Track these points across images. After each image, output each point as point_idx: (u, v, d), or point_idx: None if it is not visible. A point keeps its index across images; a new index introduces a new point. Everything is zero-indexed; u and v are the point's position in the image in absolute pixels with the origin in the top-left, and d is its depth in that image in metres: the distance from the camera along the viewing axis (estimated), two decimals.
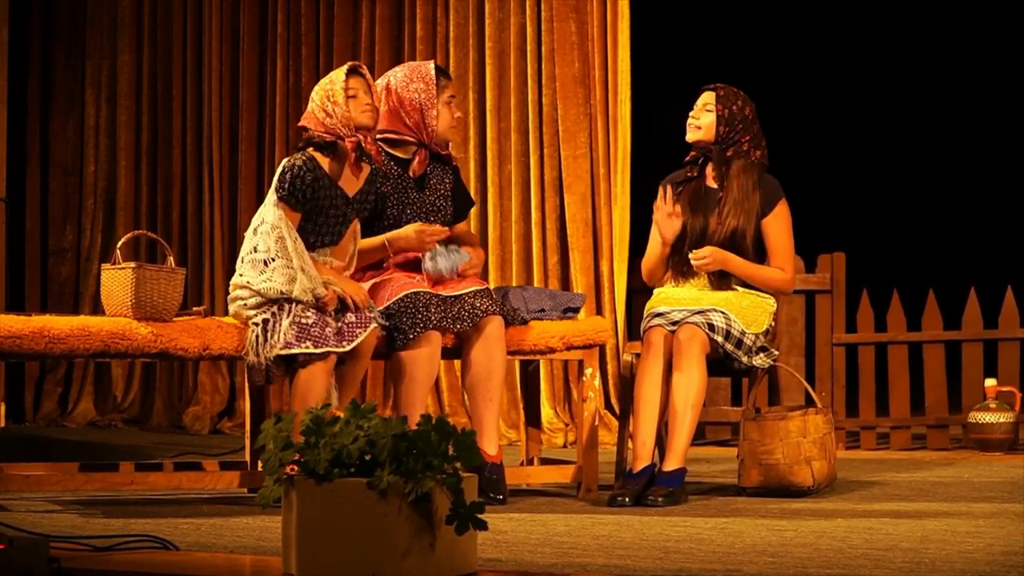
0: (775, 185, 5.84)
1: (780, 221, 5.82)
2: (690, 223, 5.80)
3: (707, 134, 5.83)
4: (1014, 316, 7.84)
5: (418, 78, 5.76)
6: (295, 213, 5.36)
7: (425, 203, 5.77)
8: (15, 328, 5.14)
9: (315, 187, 5.37)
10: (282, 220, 5.34)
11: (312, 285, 5.28)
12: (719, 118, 5.79)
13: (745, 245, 5.76)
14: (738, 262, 5.74)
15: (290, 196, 5.35)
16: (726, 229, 5.75)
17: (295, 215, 5.37)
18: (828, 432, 5.65)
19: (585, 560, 4.11)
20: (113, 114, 9.17)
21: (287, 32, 8.78)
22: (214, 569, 3.96)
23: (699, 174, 5.86)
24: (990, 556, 4.11)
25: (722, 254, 5.72)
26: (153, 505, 5.27)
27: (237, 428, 8.39)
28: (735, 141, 5.80)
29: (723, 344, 5.60)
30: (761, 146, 5.84)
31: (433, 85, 5.73)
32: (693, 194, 5.84)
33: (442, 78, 5.78)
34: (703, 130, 5.83)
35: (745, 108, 5.82)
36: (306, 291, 5.27)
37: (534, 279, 8.13)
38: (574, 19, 8.14)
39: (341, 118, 5.40)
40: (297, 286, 5.27)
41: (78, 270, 9.19)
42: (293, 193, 5.35)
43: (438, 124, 5.76)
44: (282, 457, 3.75)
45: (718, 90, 5.84)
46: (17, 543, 3.64)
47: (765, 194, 5.80)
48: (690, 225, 5.80)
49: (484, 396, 5.57)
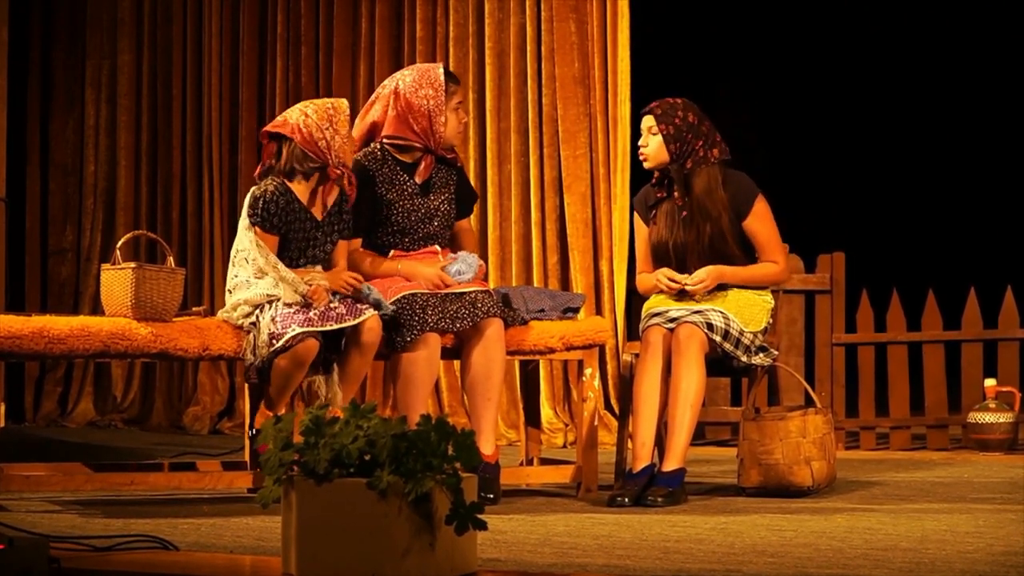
0: (746, 182, 5.80)
1: (762, 218, 5.79)
2: (671, 244, 5.78)
3: (659, 157, 5.78)
4: (1014, 316, 7.84)
5: (427, 84, 5.72)
6: (271, 236, 5.37)
7: (429, 208, 5.76)
8: (15, 328, 5.15)
9: (287, 211, 5.39)
10: (253, 243, 5.35)
11: (295, 287, 5.28)
12: (666, 138, 5.74)
13: (728, 248, 5.74)
14: (733, 272, 5.73)
15: (264, 221, 5.36)
16: (705, 240, 5.73)
17: (271, 238, 5.38)
18: (828, 432, 5.65)
19: (585, 560, 4.11)
20: (113, 114, 9.18)
21: (287, 32, 8.79)
22: (214, 569, 3.96)
23: (668, 193, 5.83)
24: (990, 556, 4.12)
25: (717, 271, 5.70)
26: (153, 505, 5.28)
27: (237, 428, 8.39)
28: (690, 152, 5.76)
29: (722, 343, 5.60)
30: (716, 142, 5.78)
31: (442, 91, 5.70)
32: (667, 214, 5.82)
33: (451, 83, 5.74)
34: (653, 156, 5.79)
35: (688, 116, 5.76)
36: (292, 294, 5.28)
37: (534, 279, 8.13)
38: (574, 19, 8.15)
39: (337, 148, 5.41)
40: (282, 290, 5.28)
41: (78, 270, 9.19)
42: (267, 218, 5.36)
43: (446, 130, 5.74)
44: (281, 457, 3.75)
45: (655, 111, 5.79)
46: (17, 543, 3.64)
47: (738, 194, 5.76)
48: (671, 245, 5.78)
49: (483, 396, 5.57)
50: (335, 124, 5.41)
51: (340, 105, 5.46)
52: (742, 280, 5.75)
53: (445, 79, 5.72)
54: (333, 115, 5.42)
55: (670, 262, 5.79)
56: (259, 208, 5.37)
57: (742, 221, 5.76)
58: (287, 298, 5.28)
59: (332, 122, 5.41)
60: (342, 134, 5.42)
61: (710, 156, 5.75)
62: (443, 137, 5.72)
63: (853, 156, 12.19)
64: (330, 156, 5.40)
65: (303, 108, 5.46)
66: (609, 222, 8.05)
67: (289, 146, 5.42)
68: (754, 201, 5.78)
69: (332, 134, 5.40)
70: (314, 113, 5.42)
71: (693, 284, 5.68)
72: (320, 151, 5.40)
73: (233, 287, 5.40)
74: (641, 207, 5.93)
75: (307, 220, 5.44)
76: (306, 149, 5.39)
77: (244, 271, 5.37)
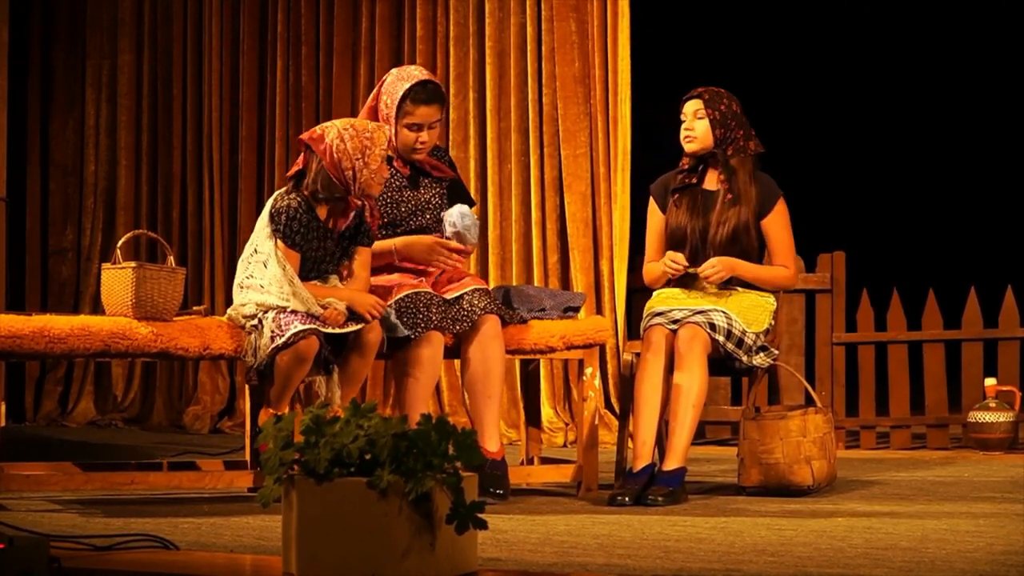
0: (771, 183, 5.85)
1: (780, 220, 5.83)
2: (690, 228, 5.80)
3: (704, 141, 5.83)
4: (1014, 315, 7.84)
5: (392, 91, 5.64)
6: (293, 253, 5.34)
7: (419, 201, 5.75)
8: (15, 328, 5.15)
9: (308, 227, 5.35)
10: (274, 253, 5.31)
11: (307, 307, 5.26)
12: (713, 122, 5.80)
13: (749, 241, 5.77)
14: (745, 266, 5.76)
15: (286, 237, 5.32)
16: (728, 228, 5.75)
17: (293, 255, 5.33)
18: (828, 431, 5.65)
19: (585, 559, 4.11)
20: (113, 114, 9.18)
21: (287, 32, 8.79)
22: (214, 568, 3.96)
23: (699, 180, 5.86)
24: (990, 555, 4.12)
25: (730, 262, 5.72)
26: (153, 504, 5.28)
27: (237, 427, 8.40)
28: (732, 139, 5.81)
29: (724, 344, 5.61)
30: (753, 136, 5.86)
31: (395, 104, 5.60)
32: (691, 199, 5.84)
33: (412, 103, 5.60)
34: (700, 138, 5.83)
35: (732, 104, 5.83)
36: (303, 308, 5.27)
37: (534, 278, 8.13)
38: (574, 18, 8.15)
39: (363, 181, 5.31)
40: (292, 304, 5.26)
41: (78, 270, 9.20)
42: (289, 235, 5.32)
43: (397, 143, 5.65)
44: (282, 456, 3.75)
45: (703, 95, 5.84)
46: (17, 542, 3.64)
47: (763, 193, 5.81)
48: (690, 229, 5.80)
49: (483, 394, 5.57)
50: (367, 156, 5.28)
51: (378, 137, 5.32)
52: (752, 278, 5.76)
53: (406, 98, 5.61)
54: (368, 147, 5.29)
55: (684, 249, 5.79)
56: (282, 223, 5.31)
57: (761, 219, 5.79)
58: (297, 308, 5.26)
59: (364, 154, 5.28)
60: (372, 168, 5.29)
61: (748, 147, 5.80)
62: (393, 148, 5.63)
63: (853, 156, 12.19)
64: (354, 187, 5.31)
65: (343, 129, 5.31)
66: (609, 221, 8.05)
67: (317, 165, 5.33)
68: (776, 202, 5.82)
69: (361, 166, 5.29)
70: (350, 140, 5.28)
71: (706, 271, 5.69)
72: (345, 179, 5.30)
73: (247, 286, 5.37)
74: (660, 193, 5.92)
75: (327, 238, 5.41)
76: (331, 174, 5.31)
77: (260, 274, 5.33)
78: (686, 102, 5.88)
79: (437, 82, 5.77)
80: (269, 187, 8.67)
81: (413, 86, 5.64)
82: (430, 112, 5.67)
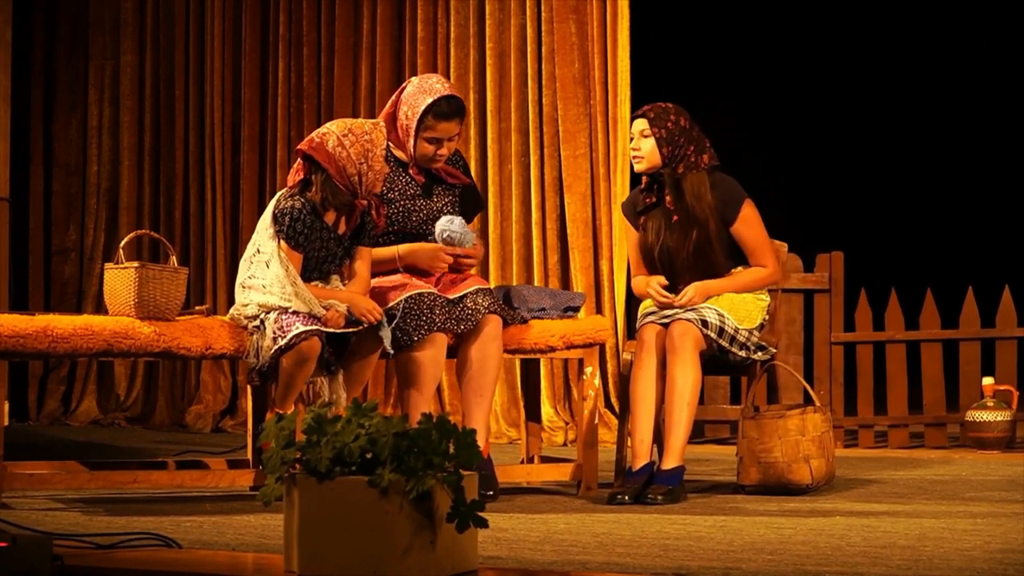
0: (733, 188, 5.78)
1: (750, 223, 5.78)
2: (658, 249, 5.79)
3: (652, 160, 5.77)
4: (1011, 315, 7.86)
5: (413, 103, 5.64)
6: (296, 254, 5.36)
7: (432, 209, 5.76)
8: (19, 327, 5.16)
9: (311, 228, 5.37)
10: (277, 254, 5.33)
11: (310, 307, 5.28)
12: (659, 141, 5.73)
13: (714, 256, 5.73)
14: (720, 285, 5.72)
15: (290, 239, 5.34)
16: (691, 246, 5.73)
17: (296, 256, 5.35)
18: (826, 430, 5.67)
19: (585, 558, 4.12)
20: (116, 114, 9.20)
21: (288, 33, 8.81)
22: (216, 567, 3.98)
23: (658, 199, 5.84)
24: (988, 554, 4.13)
25: (703, 287, 5.69)
26: (156, 503, 5.29)
27: (239, 426, 8.41)
28: (682, 156, 5.76)
29: (716, 339, 5.62)
30: (706, 148, 5.77)
31: (416, 117, 5.60)
32: (655, 220, 5.82)
33: (432, 118, 5.59)
34: (647, 158, 5.78)
35: (680, 120, 5.75)
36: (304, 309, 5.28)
37: (534, 278, 8.15)
38: (574, 19, 8.17)
39: (369, 182, 5.34)
40: (294, 305, 5.27)
41: (81, 270, 9.22)
42: (293, 236, 5.33)
43: (414, 151, 5.66)
44: (284, 455, 3.77)
45: (648, 114, 5.78)
46: (21, 541, 3.66)
47: (726, 198, 5.75)
48: (658, 251, 5.79)
49: (475, 392, 5.58)
50: (370, 159, 5.31)
51: (378, 137, 5.34)
52: (732, 290, 5.72)
53: (428, 112, 5.60)
54: (370, 148, 5.31)
55: (657, 268, 5.80)
56: (286, 225, 5.33)
57: (729, 227, 5.76)
58: (299, 309, 5.28)
59: (367, 156, 5.31)
60: (376, 169, 5.33)
61: (700, 162, 5.75)
62: (410, 156, 5.68)
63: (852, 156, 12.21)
64: (361, 189, 5.35)
65: (341, 136, 5.33)
66: (609, 222, 8.07)
67: (322, 177, 5.34)
68: (741, 207, 5.76)
69: (366, 169, 5.32)
70: (352, 146, 5.31)
71: (681, 303, 5.68)
72: (351, 184, 5.33)
73: (249, 286, 5.39)
74: (629, 212, 5.93)
75: (330, 239, 5.44)
76: (338, 182, 5.33)
77: (262, 274, 5.35)
78: (633, 121, 5.86)
79: (459, 96, 5.72)
80: (271, 187, 8.70)
81: (436, 100, 5.62)
82: (452, 127, 5.66)
